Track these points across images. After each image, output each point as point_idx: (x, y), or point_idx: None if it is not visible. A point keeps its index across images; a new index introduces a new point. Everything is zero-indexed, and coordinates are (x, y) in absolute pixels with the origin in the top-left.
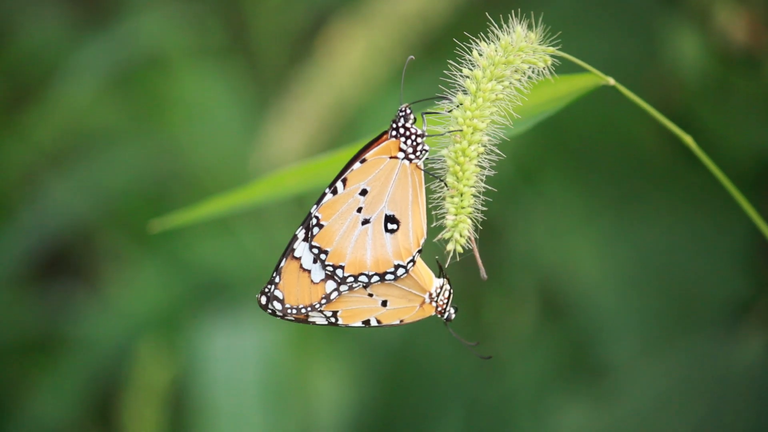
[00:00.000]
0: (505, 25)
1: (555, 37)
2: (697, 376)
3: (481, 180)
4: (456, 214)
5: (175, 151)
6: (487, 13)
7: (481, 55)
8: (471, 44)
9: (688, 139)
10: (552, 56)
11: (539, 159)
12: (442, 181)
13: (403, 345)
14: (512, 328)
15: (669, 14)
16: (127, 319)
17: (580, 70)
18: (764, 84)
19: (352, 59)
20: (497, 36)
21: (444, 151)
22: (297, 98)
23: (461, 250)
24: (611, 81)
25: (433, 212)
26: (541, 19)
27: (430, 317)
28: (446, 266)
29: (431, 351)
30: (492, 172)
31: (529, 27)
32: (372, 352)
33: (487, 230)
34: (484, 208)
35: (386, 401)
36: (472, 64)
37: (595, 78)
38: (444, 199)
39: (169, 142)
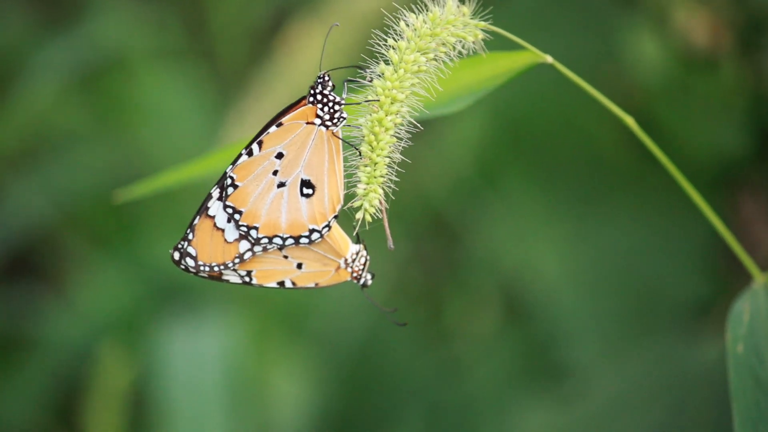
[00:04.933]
0: None
1: (487, 12)
2: (657, 376)
3: (398, 151)
4: (368, 183)
5: (136, 153)
6: None
7: (408, 25)
8: (401, 15)
9: (629, 120)
10: (486, 32)
11: (500, 161)
12: (356, 149)
13: (364, 346)
14: (474, 329)
15: (628, 15)
16: (89, 320)
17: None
18: (723, 84)
19: (310, 59)
20: (427, 7)
21: (361, 120)
22: (257, 98)
23: (370, 219)
24: (549, 59)
25: (347, 180)
26: None
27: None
28: (360, 233)
29: (392, 352)
30: (409, 144)
31: (462, 1)
32: (333, 354)
33: (449, 232)
34: (397, 179)
35: (347, 402)
36: (398, 34)
37: (532, 56)
38: (358, 167)
39: (130, 144)
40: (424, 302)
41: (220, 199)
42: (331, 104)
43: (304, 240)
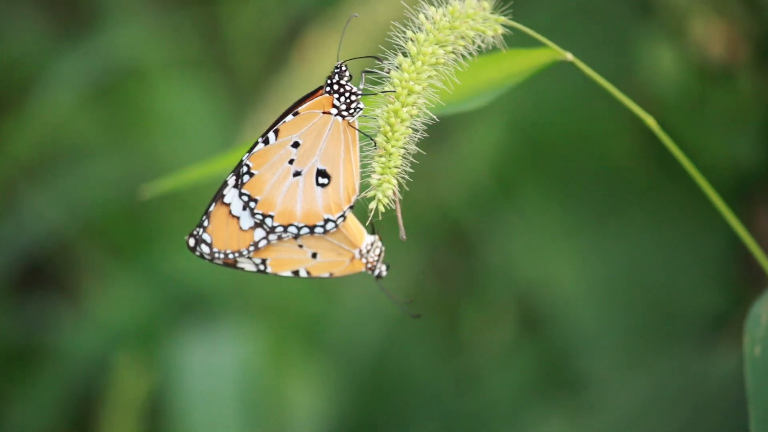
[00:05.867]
0: None
1: (507, 7)
2: (673, 388)
3: (413, 142)
4: (382, 174)
5: (153, 163)
6: None
7: (427, 18)
8: (421, 8)
9: (650, 121)
10: (506, 27)
11: (518, 171)
12: (372, 139)
13: (380, 356)
14: (490, 340)
15: (645, 26)
16: (105, 331)
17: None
18: (740, 96)
19: (327, 68)
20: (447, 1)
21: (377, 111)
22: (273, 108)
23: (383, 210)
24: (569, 56)
25: (362, 170)
26: None
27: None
28: (375, 224)
29: (408, 362)
30: (425, 135)
31: None
32: (349, 364)
33: (465, 242)
34: (411, 171)
35: (363, 413)
36: (417, 27)
37: (552, 53)
38: (373, 158)
39: (147, 154)
40: (440, 313)
41: (236, 186)
42: (347, 94)
43: (318, 229)
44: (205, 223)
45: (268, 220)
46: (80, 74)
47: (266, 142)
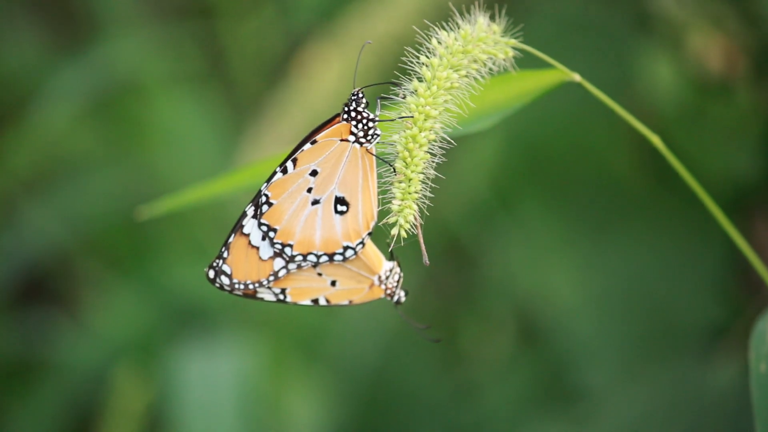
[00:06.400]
0: (469, 16)
1: (517, 29)
2: (671, 400)
3: (431, 167)
4: (402, 199)
5: (152, 177)
6: (450, 3)
7: (440, 43)
8: (433, 33)
9: (655, 139)
10: (515, 49)
11: (516, 184)
12: (391, 165)
13: (379, 369)
14: (489, 352)
15: (644, 41)
16: (105, 344)
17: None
18: (738, 110)
19: (327, 82)
20: (458, 25)
21: (395, 137)
22: (272, 121)
23: (405, 235)
24: (577, 77)
25: (381, 197)
26: (504, 11)
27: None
28: (394, 250)
29: (407, 374)
30: (443, 160)
31: (493, 18)
32: (348, 376)
33: (464, 255)
34: (432, 195)
35: (362, 425)
36: (430, 52)
37: (560, 74)
38: (392, 184)
39: (146, 168)
40: (439, 325)
41: (254, 216)
42: (365, 121)
43: (338, 257)
44: (225, 255)
45: (287, 250)
46: (79, 88)
47: (284, 171)
